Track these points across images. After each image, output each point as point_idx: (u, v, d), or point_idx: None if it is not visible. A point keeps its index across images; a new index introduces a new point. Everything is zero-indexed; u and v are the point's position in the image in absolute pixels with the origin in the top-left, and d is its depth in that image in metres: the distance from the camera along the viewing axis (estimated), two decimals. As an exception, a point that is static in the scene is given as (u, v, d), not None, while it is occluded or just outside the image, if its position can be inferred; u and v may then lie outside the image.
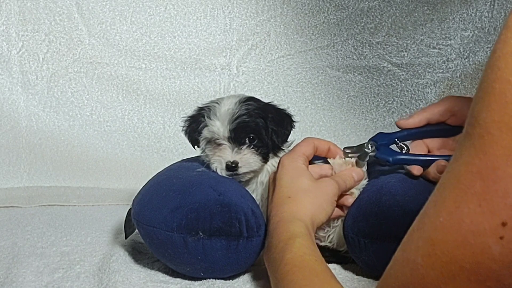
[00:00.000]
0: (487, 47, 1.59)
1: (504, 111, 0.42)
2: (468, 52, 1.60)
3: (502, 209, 0.42)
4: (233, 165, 0.93)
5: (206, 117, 0.94)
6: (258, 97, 0.99)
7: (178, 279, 0.88)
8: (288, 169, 0.86)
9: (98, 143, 1.57)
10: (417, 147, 0.93)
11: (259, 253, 0.87)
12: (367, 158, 0.92)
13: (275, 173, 0.88)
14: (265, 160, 0.96)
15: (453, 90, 1.61)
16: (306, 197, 0.82)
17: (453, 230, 0.44)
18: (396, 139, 0.93)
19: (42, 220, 1.23)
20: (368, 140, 0.93)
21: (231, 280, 0.87)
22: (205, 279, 0.87)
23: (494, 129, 0.43)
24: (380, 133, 0.95)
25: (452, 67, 1.61)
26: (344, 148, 0.94)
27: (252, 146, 0.94)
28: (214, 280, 0.87)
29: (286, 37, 1.62)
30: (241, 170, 0.94)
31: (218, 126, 0.93)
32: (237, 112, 0.93)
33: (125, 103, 1.59)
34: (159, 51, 1.60)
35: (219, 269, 0.86)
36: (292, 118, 0.99)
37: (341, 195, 0.89)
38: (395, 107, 1.63)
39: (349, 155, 0.92)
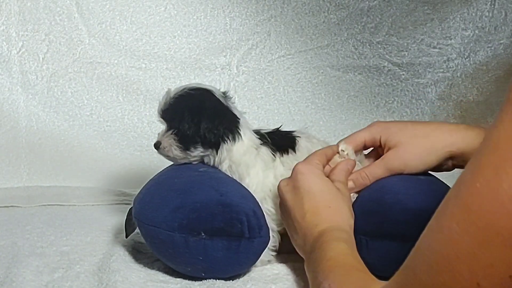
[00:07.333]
0: (488, 47, 1.59)
1: None
2: (468, 51, 1.60)
3: None
4: None
5: None
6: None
7: (178, 279, 0.88)
8: (313, 177, 0.85)
9: (98, 143, 1.56)
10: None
11: (260, 253, 0.87)
12: None
13: (288, 182, 0.87)
14: None
15: (454, 90, 1.61)
16: (343, 204, 0.83)
17: (490, 196, 0.44)
18: None
19: (42, 219, 1.23)
20: None
21: (231, 281, 0.87)
22: (206, 279, 0.87)
23: None
24: None
25: (453, 67, 1.61)
26: None
27: None
28: (214, 280, 0.86)
29: (286, 37, 1.62)
30: None
31: None
32: None
33: (125, 103, 1.59)
34: (159, 51, 1.60)
35: (220, 269, 0.86)
36: None
37: None
38: (395, 107, 1.63)
39: None
